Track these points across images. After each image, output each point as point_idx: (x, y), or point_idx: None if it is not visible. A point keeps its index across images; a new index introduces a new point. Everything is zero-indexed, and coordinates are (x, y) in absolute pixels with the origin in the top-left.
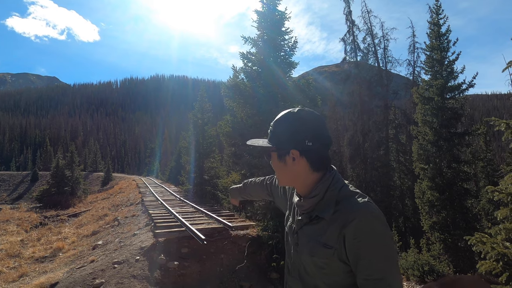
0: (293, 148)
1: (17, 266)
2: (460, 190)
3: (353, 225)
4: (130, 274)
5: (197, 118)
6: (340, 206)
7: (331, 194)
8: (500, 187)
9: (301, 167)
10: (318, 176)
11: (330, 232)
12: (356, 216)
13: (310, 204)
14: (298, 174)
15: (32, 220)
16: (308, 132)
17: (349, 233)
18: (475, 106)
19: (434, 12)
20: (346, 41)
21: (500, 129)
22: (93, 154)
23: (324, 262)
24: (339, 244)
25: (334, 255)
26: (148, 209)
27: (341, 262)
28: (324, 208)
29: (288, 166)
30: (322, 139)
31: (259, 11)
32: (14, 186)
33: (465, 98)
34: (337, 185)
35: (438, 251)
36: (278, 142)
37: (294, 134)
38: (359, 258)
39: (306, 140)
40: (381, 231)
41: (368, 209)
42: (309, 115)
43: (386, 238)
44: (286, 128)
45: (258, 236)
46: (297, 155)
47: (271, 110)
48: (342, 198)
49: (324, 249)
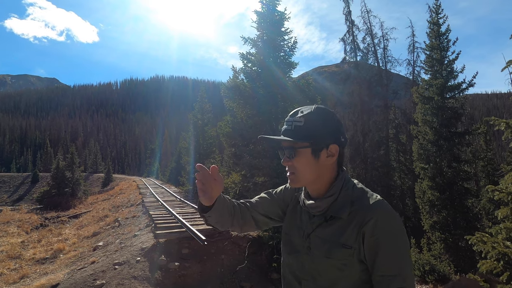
0: (333, 143)
1: (17, 268)
2: (460, 189)
3: (372, 223)
4: (131, 275)
5: (197, 119)
6: (356, 206)
7: (345, 193)
8: (500, 186)
9: (331, 163)
10: (335, 175)
11: (348, 232)
12: (373, 215)
13: (326, 204)
14: (326, 170)
15: (33, 222)
16: (340, 128)
17: (368, 231)
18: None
19: (434, 12)
20: (345, 41)
21: (500, 129)
22: (93, 155)
23: (343, 263)
24: (358, 243)
25: (353, 255)
26: (148, 210)
27: (359, 261)
28: (340, 208)
29: (320, 162)
30: (345, 136)
31: (259, 12)
32: (15, 188)
33: (465, 98)
34: (349, 184)
35: (438, 250)
36: (315, 137)
37: (334, 129)
38: (377, 255)
39: (341, 136)
40: (398, 228)
41: (384, 207)
42: (330, 112)
43: (402, 235)
44: (324, 123)
45: (258, 236)
46: (336, 151)
47: (271, 110)
48: (356, 197)
49: (344, 250)
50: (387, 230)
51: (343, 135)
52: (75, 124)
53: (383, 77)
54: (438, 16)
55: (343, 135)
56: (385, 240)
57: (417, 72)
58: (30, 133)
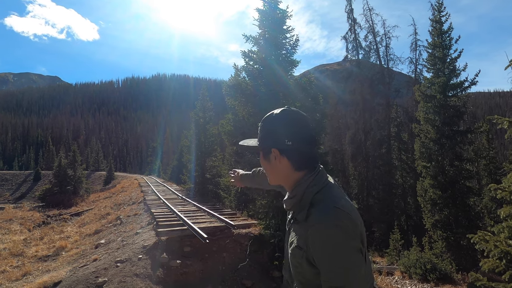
0: (273, 147)
1: (20, 265)
2: (462, 188)
3: (314, 229)
4: (133, 273)
5: (198, 117)
6: (312, 210)
7: (307, 196)
8: (503, 185)
9: (283, 166)
10: (300, 176)
11: (301, 234)
12: (315, 223)
13: (290, 205)
14: (281, 172)
15: (35, 219)
16: (288, 132)
17: (311, 237)
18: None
19: (436, 10)
20: (347, 39)
21: (502, 127)
22: (95, 153)
23: (297, 262)
24: (307, 246)
25: (303, 256)
26: (150, 208)
27: (308, 264)
28: (300, 211)
29: (272, 165)
30: (303, 138)
31: (261, 10)
32: (17, 186)
33: (467, 96)
34: (315, 187)
35: (440, 249)
36: (262, 142)
37: (274, 133)
38: (319, 262)
39: (286, 140)
40: (336, 240)
41: (330, 216)
42: (291, 114)
43: (342, 248)
44: (268, 128)
45: (260, 234)
46: (277, 154)
47: (272, 108)
48: (315, 202)
49: (297, 250)
50: (322, 241)
51: (289, 138)
52: (77, 122)
53: (385, 75)
54: (440, 14)
55: (289, 138)
56: (322, 250)
57: (419, 70)
58: (32, 131)
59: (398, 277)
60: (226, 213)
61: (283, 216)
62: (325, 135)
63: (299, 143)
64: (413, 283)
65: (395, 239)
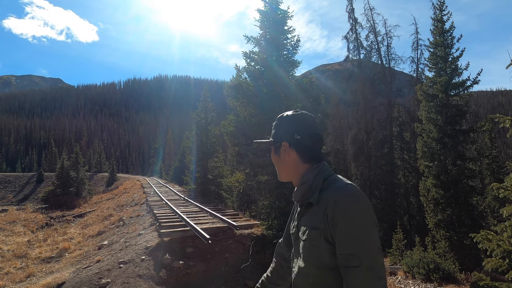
0: (284, 141)
1: (24, 267)
2: (465, 187)
3: (332, 203)
4: (136, 274)
5: (200, 118)
6: (325, 192)
7: (317, 181)
8: (505, 184)
9: (291, 158)
10: (308, 167)
11: (317, 215)
12: (335, 196)
13: (301, 192)
14: (290, 165)
15: (38, 221)
16: (297, 128)
17: (330, 211)
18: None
19: (438, 9)
20: (348, 39)
21: (505, 126)
22: (97, 155)
23: (314, 244)
24: (325, 224)
25: (321, 236)
26: (152, 209)
27: (327, 242)
28: (312, 194)
29: (282, 158)
30: (310, 134)
31: (262, 10)
32: (20, 187)
33: (470, 95)
34: (323, 174)
35: (443, 249)
36: (274, 137)
37: (285, 129)
38: (336, 233)
39: (295, 134)
40: (358, 209)
41: (347, 189)
42: (301, 115)
43: (363, 217)
44: (280, 126)
45: (262, 235)
46: (286, 146)
47: (274, 109)
48: (327, 184)
49: (313, 231)
50: (345, 209)
51: (298, 133)
52: (79, 123)
53: (386, 75)
54: (442, 13)
55: (298, 132)
56: (343, 218)
57: (421, 69)
58: (35, 133)
59: (401, 277)
60: (229, 213)
61: (285, 217)
62: (327, 135)
63: (307, 138)
64: (416, 283)
65: (397, 239)
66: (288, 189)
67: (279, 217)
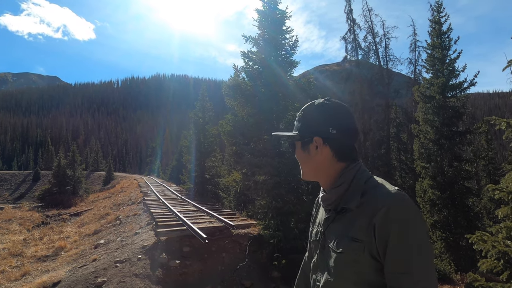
0: (316, 136)
1: (19, 265)
2: (461, 188)
3: (382, 212)
4: (132, 273)
5: (198, 117)
6: (368, 196)
7: (357, 183)
8: (501, 185)
9: (324, 156)
10: (343, 166)
11: (358, 225)
12: (386, 204)
13: (336, 195)
14: (321, 164)
15: (34, 219)
16: (332, 121)
17: (378, 222)
18: (476, 105)
19: (435, 10)
20: (347, 39)
21: (501, 128)
22: (94, 154)
23: (353, 259)
24: (369, 236)
25: (364, 250)
26: (149, 208)
27: (371, 258)
28: (350, 198)
29: (311, 156)
30: (346, 128)
31: (260, 10)
32: (16, 186)
33: (467, 97)
34: (363, 175)
35: (439, 249)
36: (302, 131)
37: (318, 122)
38: (386, 248)
39: (330, 128)
40: (413, 219)
41: (400, 197)
42: (334, 104)
43: (418, 228)
44: (310, 117)
45: (259, 235)
46: (320, 143)
47: (272, 109)
48: (369, 188)
49: (353, 244)
50: (399, 220)
51: (334, 127)
52: (76, 122)
53: (384, 76)
54: (439, 15)
55: (334, 126)
56: (396, 231)
57: (418, 71)
58: (31, 131)
59: None
60: (226, 213)
61: (282, 217)
62: None
63: (343, 132)
64: None
65: None
66: (285, 189)
67: (276, 217)
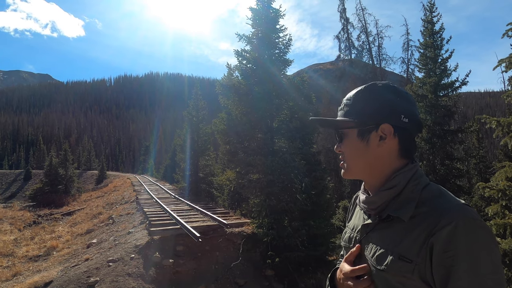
0: (385, 123)
1: (10, 265)
2: (453, 187)
3: (447, 232)
4: (125, 272)
5: (192, 116)
6: (425, 208)
7: (412, 189)
8: (491, 183)
9: (387, 149)
10: (401, 165)
11: (410, 240)
12: (451, 221)
13: (384, 199)
14: (380, 159)
15: (26, 219)
16: (404, 107)
17: (439, 242)
18: (468, 104)
19: (428, 10)
20: (340, 38)
21: (491, 126)
22: (87, 152)
23: (398, 281)
24: (423, 257)
25: (413, 272)
26: (143, 207)
27: (422, 282)
28: (402, 206)
29: (370, 147)
30: (417, 119)
31: (254, 9)
32: (7, 185)
33: (458, 96)
34: (420, 179)
35: None
36: (363, 115)
37: (389, 105)
38: (450, 276)
39: (402, 115)
40: (487, 244)
41: (469, 213)
42: (400, 88)
43: (494, 256)
44: (376, 99)
45: (253, 233)
46: (390, 132)
47: (266, 107)
48: (428, 197)
49: (400, 263)
50: (469, 242)
51: (406, 114)
52: (69, 120)
53: (377, 75)
54: (432, 15)
55: (406, 114)
56: (465, 256)
57: (411, 70)
58: (22, 130)
59: None
60: (219, 212)
61: (275, 215)
62: (317, 134)
63: (414, 123)
64: None
65: None
66: (279, 187)
67: (269, 215)
